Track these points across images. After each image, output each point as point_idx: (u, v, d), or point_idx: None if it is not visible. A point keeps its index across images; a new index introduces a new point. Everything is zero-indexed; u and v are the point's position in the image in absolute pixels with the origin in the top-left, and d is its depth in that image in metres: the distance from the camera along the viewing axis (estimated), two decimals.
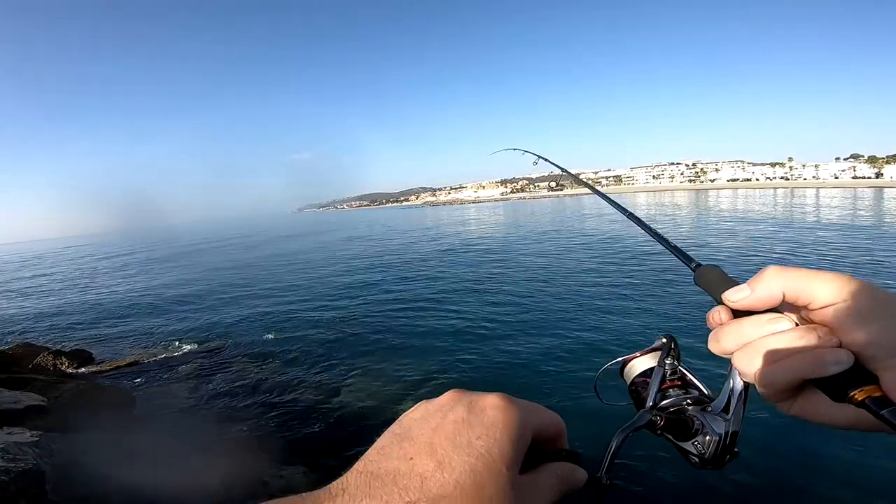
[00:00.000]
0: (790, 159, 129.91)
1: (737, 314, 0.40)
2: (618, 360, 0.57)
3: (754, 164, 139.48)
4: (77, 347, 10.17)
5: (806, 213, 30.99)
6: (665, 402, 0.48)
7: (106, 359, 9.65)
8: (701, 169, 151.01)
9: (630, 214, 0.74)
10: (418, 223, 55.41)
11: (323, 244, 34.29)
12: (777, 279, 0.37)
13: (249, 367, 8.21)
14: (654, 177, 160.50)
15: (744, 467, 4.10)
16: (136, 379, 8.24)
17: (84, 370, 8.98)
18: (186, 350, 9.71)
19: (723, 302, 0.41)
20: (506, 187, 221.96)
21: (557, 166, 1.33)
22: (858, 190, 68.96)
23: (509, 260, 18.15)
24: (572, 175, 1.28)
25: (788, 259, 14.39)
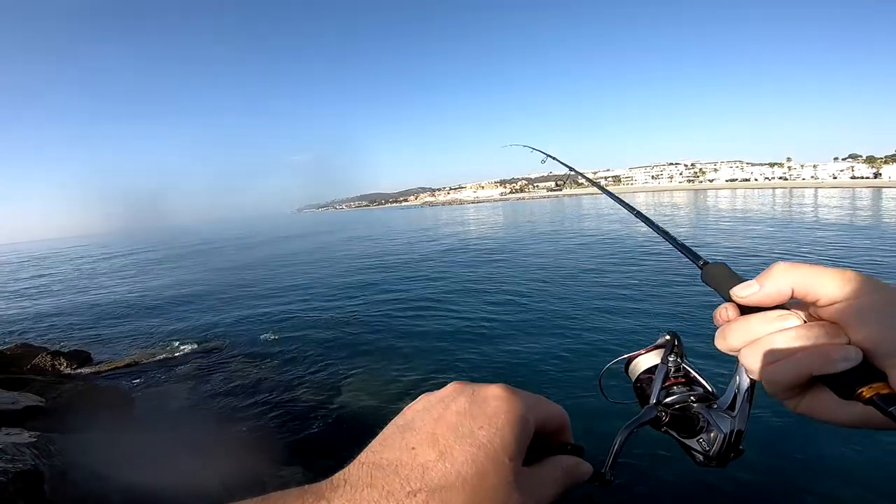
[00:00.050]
0: (789, 159, 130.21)
1: (744, 311, 0.40)
2: (622, 358, 0.57)
3: (753, 165, 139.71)
4: (76, 348, 10.14)
5: (804, 213, 31.06)
6: (669, 399, 0.48)
7: (104, 359, 9.62)
8: (700, 169, 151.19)
9: (638, 213, 0.75)
10: (417, 223, 55.39)
11: (322, 245, 34.25)
12: (786, 275, 0.37)
13: (248, 368, 8.19)
14: (653, 177, 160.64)
15: (746, 466, 4.09)
16: (135, 379, 8.22)
17: (82, 371, 8.95)
18: (185, 350, 9.68)
19: (730, 299, 0.41)
20: (505, 188, 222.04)
21: (565, 165, 1.33)
22: (857, 190, 69.14)
23: (509, 260, 18.15)
24: (580, 174, 1.28)
25: (787, 259, 14.34)
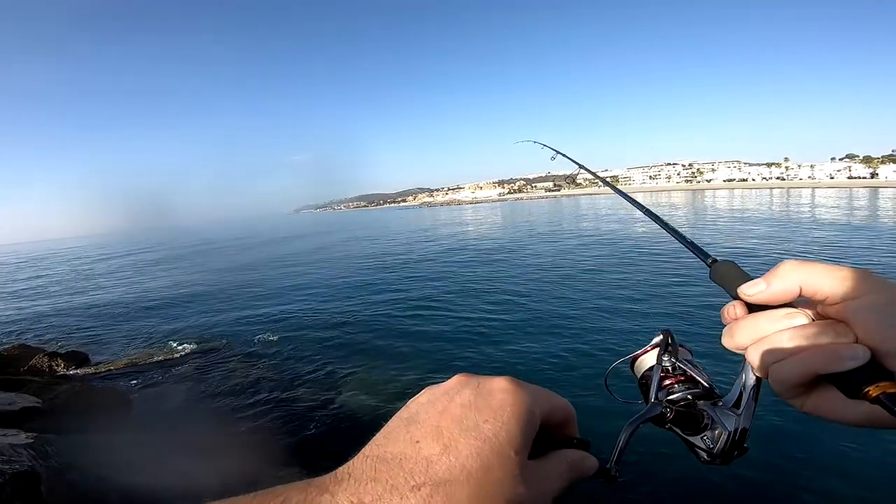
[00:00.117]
0: (786, 159, 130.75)
1: (752, 309, 0.40)
2: (627, 357, 0.57)
3: (750, 165, 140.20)
4: (73, 349, 10.09)
5: (802, 213, 31.17)
6: (673, 397, 0.48)
7: (102, 360, 9.58)
8: (697, 169, 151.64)
9: (647, 211, 0.76)
10: (416, 224, 55.36)
11: (321, 245, 34.22)
12: (794, 273, 0.37)
13: (247, 368, 8.17)
14: (651, 177, 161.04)
15: (749, 464, 4.08)
16: (133, 380, 8.18)
17: (80, 372, 8.91)
18: (184, 351, 9.65)
19: (738, 297, 0.41)
20: (503, 188, 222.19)
21: (576, 162, 1.33)
22: (854, 190, 69.47)
23: (508, 260, 18.15)
24: (591, 172, 1.27)
25: (786, 258, 14.40)
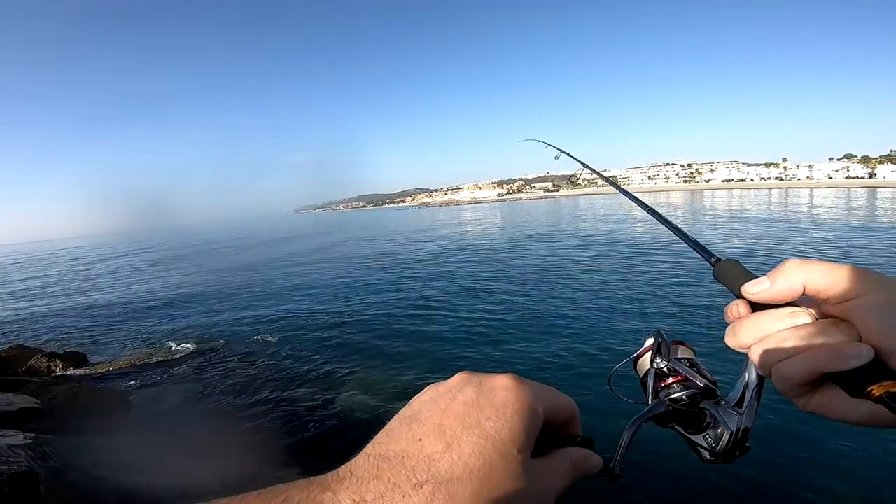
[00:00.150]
0: (784, 159, 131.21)
1: (755, 308, 0.40)
2: (627, 360, 0.57)
3: (749, 165, 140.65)
4: (71, 350, 10.06)
5: (800, 213, 31.25)
6: (673, 397, 0.47)
7: (101, 361, 9.56)
8: (696, 169, 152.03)
9: (651, 210, 0.76)
10: (415, 224, 55.37)
11: (320, 246, 34.19)
12: (797, 272, 0.37)
13: (246, 369, 8.16)
14: (650, 177, 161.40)
15: (751, 463, 4.07)
16: (132, 381, 8.16)
17: (78, 372, 8.88)
18: (183, 351, 9.62)
19: (741, 295, 0.40)
20: (502, 188, 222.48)
21: (579, 161, 1.33)
22: (852, 190, 69.68)
23: (507, 260, 18.16)
24: (595, 171, 1.27)
25: (786, 258, 14.45)
